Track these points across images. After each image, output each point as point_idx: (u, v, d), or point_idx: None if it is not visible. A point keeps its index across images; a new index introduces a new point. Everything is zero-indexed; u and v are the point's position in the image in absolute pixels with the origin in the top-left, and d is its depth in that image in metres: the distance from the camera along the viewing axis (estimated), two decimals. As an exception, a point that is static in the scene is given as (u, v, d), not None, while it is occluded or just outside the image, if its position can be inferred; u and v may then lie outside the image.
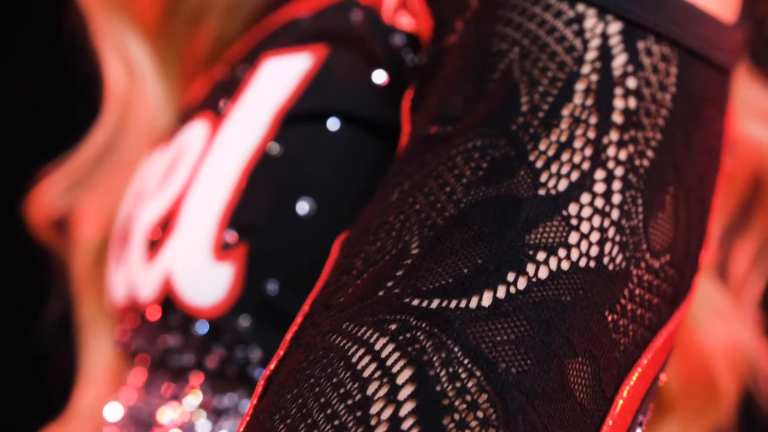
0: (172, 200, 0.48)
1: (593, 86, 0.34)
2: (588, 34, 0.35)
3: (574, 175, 0.33)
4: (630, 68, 0.35)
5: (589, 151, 0.33)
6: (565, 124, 0.34)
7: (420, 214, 0.33)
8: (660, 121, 0.35)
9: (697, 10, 0.36)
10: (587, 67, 0.34)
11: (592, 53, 0.35)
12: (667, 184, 0.34)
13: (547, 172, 0.33)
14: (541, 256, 0.32)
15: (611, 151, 0.34)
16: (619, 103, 0.34)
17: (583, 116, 0.34)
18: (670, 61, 0.35)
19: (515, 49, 0.35)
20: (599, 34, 0.35)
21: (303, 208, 0.44)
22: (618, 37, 0.35)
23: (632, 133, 0.34)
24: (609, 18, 0.35)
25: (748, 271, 0.58)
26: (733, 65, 0.39)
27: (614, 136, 0.34)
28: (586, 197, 0.33)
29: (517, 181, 0.33)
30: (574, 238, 0.32)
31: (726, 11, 0.38)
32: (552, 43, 0.35)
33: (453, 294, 0.31)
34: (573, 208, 0.32)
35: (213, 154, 0.47)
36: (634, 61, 0.35)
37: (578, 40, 0.35)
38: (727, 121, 0.39)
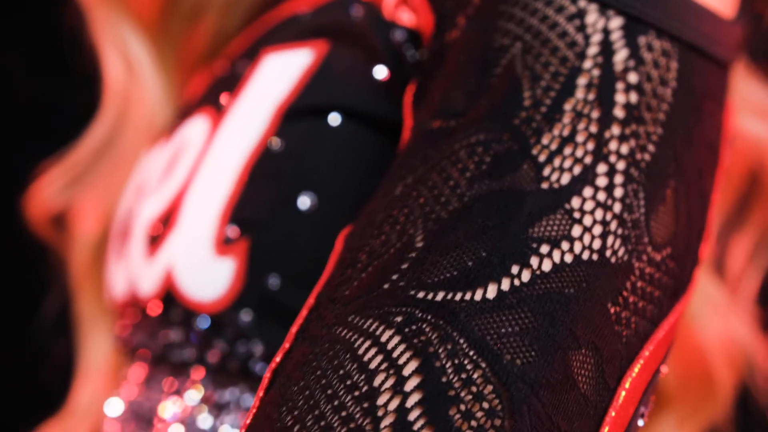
0: (173, 195, 0.48)
1: (595, 81, 0.34)
2: (589, 29, 0.35)
3: (577, 169, 0.33)
4: (631, 63, 0.35)
5: (591, 146, 0.34)
6: (568, 119, 0.34)
7: (424, 207, 0.33)
8: (661, 116, 0.35)
9: (697, 5, 0.37)
10: (589, 62, 0.35)
11: (593, 48, 0.35)
12: (668, 178, 0.35)
13: (549, 166, 0.33)
14: (544, 249, 0.32)
15: (613, 145, 0.34)
16: (621, 98, 0.34)
17: (585, 111, 0.34)
18: (671, 56, 0.36)
19: (517, 44, 0.35)
20: (601, 30, 0.35)
21: (304, 202, 0.44)
22: (619, 33, 0.35)
23: (633, 127, 0.34)
24: (610, 13, 0.35)
25: (745, 266, 0.59)
26: (733, 60, 0.39)
27: (616, 130, 0.34)
28: (588, 191, 0.33)
29: (520, 175, 0.33)
30: (577, 231, 0.32)
31: (725, 7, 0.39)
32: (554, 38, 0.35)
33: (458, 286, 0.31)
34: (576, 202, 0.33)
35: (214, 150, 0.47)
36: (636, 56, 0.35)
37: (580, 36, 0.35)
38: (726, 116, 0.40)
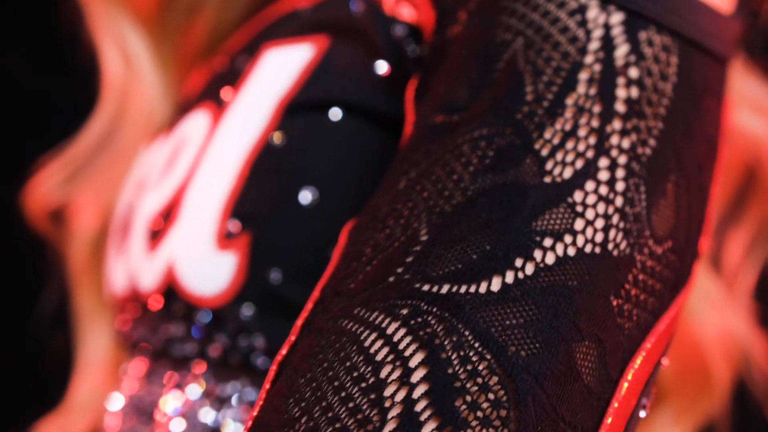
0: (174, 190, 0.48)
1: (596, 76, 0.35)
2: (591, 25, 0.35)
3: (579, 163, 0.33)
4: (632, 58, 0.35)
5: (593, 140, 0.34)
6: (570, 113, 0.34)
7: (428, 201, 0.33)
8: (661, 110, 0.35)
9: (697, 1, 0.37)
10: (590, 57, 0.35)
11: (594, 43, 0.35)
12: (669, 172, 0.35)
13: (552, 160, 0.33)
14: (548, 243, 0.32)
15: (614, 140, 0.34)
16: (622, 93, 0.35)
17: (587, 105, 0.34)
18: (671, 51, 0.36)
19: (519, 40, 0.36)
20: (602, 25, 0.35)
21: (306, 197, 0.44)
22: (620, 28, 0.36)
23: (635, 122, 0.35)
24: (611, 8, 0.36)
25: (742, 261, 0.59)
26: (731, 56, 0.40)
27: (617, 124, 0.34)
28: (590, 185, 0.33)
29: (523, 169, 0.33)
30: (579, 224, 0.33)
31: (723, 2, 0.39)
32: (555, 34, 0.35)
33: (463, 279, 0.31)
34: (578, 196, 0.33)
35: (215, 144, 0.47)
36: (636, 51, 0.35)
37: (581, 31, 0.35)
38: (725, 112, 0.40)
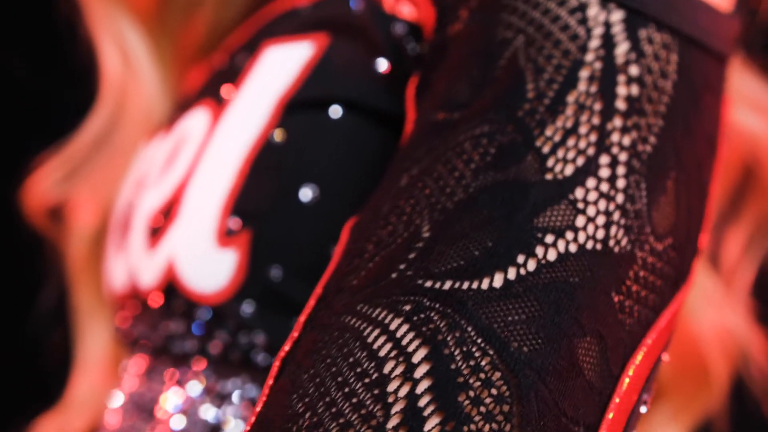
0: (174, 187, 0.49)
1: (597, 73, 0.35)
2: (591, 22, 0.36)
3: (580, 161, 0.34)
4: (632, 56, 0.35)
5: (594, 137, 0.34)
6: (571, 111, 0.34)
7: (430, 198, 0.34)
8: (662, 108, 0.35)
9: None
10: (591, 55, 0.35)
11: (595, 41, 0.35)
12: (669, 170, 0.35)
13: (553, 158, 0.33)
14: (549, 239, 0.32)
15: (615, 137, 0.34)
16: (622, 90, 0.35)
17: (588, 103, 0.34)
18: (671, 49, 0.36)
19: (520, 37, 0.36)
20: (602, 23, 0.36)
21: (306, 194, 0.44)
22: (620, 26, 0.36)
23: (635, 119, 0.35)
24: (611, 6, 0.36)
25: (740, 258, 0.59)
26: (730, 54, 0.40)
27: (618, 122, 0.34)
28: (591, 182, 0.33)
29: (524, 166, 0.33)
30: (580, 221, 0.33)
31: (723, 0, 0.39)
32: (556, 31, 0.36)
33: (465, 276, 0.31)
34: (579, 193, 0.33)
35: (215, 142, 0.47)
36: (636, 48, 0.36)
37: (582, 28, 0.35)
38: (724, 109, 0.40)
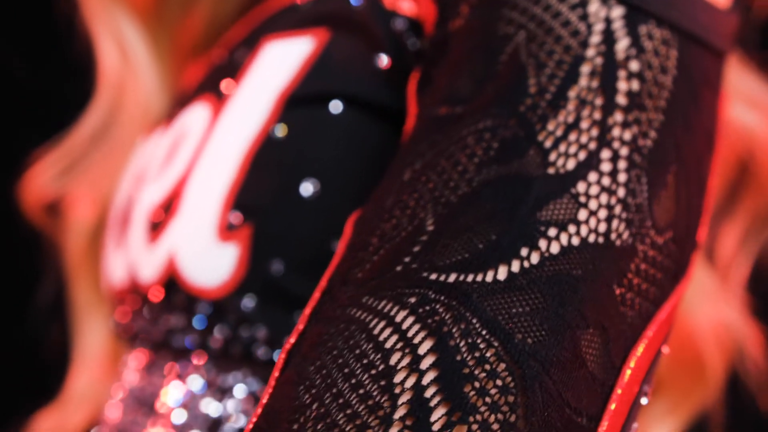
0: (174, 182, 0.49)
1: (598, 69, 0.35)
2: (592, 18, 0.36)
3: (582, 155, 0.34)
4: (633, 52, 0.36)
5: (596, 132, 0.34)
6: (572, 106, 0.35)
7: (434, 192, 0.34)
8: (662, 103, 0.36)
9: None
10: (592, 51, 0.35)
11: (596, 37, 0.36)
12: (670, 164, 0.36)
13: (555, 152, 0.34)
14: (552, 232, 0.33)
15: (616, 132, 0.35)
16: (623, 86, 0.35)
17: (589, 98, 0.35)
18: (671, 45, 0.37)
19: (521, 33, 0.36)
20: (603, 19, 0.36)
21: (307, 189, 0.44)
22: (621, 22, 0.36)
23: (636, 114, 0.35)
24: (611, 2, 0.36)
25: (735, 253, 0.60)
26: (728, 49, 0.40)
27: (619, 117, 0.35)
28: (593, 176, 0.34)
29: (527, 160, 0.34)
30: (583, 215, 0.33)
31: None
32: (557, 27, 0.36)
33: (469, 268, 0.32)
34: (581, 186, 0.34)
35: (216, 137, 0.47)
36: (637, 44, 0.36)
37: (582, 24, 0.36)
38: (721, 104, 0.40)
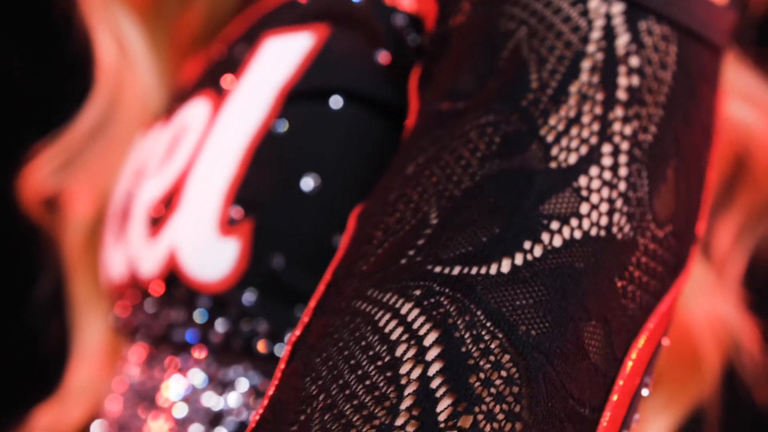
0: (175, 177, 0.49)
1: (599, 64, 0.35)
2: (592, 14, 0.36)
3: (583, 149, 0.34)
4: (633, 47, 0.36)
5: (597, 127, 0.35)
6: (573, 101, 0.35)
7: (437, 186, 0.34)
8: (661, 98, 0.36)
9: None
10: (592, 46, 0.36)
11: (596, 33, 0.36)
12: (669, 158, 0.36)
13: (557, 147, 0.34)
14: (555, 226, 0.33)
15: (617, 127, 0.35)
16: (623, 81, 0.36)
17: (590, 93, 0.35)
18: (670, 41, 0.37)
19: (523, 29, 0.36)
20: (603, 15, 0.36)
21: (308, 184, 0.45)
22: (621, 18, 0.36)
23: (636, 109, 0.35)
24: None
25: (731, 248, 0.60)
26: (725, 45, 0.41)
27: (619, 112, 0.35)
28: (594, 170, 0.34)
29: (529, 154, 0.34)
30: (585, 208, 0.34)
31: None
32: (558, 23, 0.36)
33: (473, 261, 0.32)
34: (583, 180, 0.34)
35: (216, 132, 0.48)
36: (636, 40, 0.36)
37: (583, 20, 0.36)
38: (719, 100, 0.41)
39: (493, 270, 0.32)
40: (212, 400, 0.46)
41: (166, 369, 0.49)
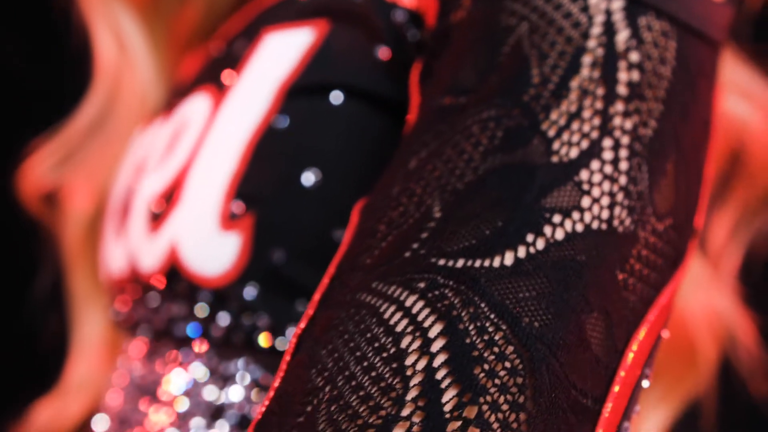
0: (175, 172, 0.49)
1: (599, 59, 0.36)
2: (593, 10, 0.37)
3: (584, 144, 0.35)
4: (633, 43, 0.36)
5: (597, 121, 0.35)
6: (574, 96, 0.35)
7: (440, 180, 0.35)
8: (661, 93, 0.37)
9: None
10: (593, 42, 0.36)
11: (597, 28, 0.36)
12: (669, 152, 0.36)
13: (558, 141, 0.35)
14: (557, 219, 0.33)
15: (617, 121, 0.35)
16: (624, 76, 0.36)
17: (591, 88, 0.35)
18: (669, 36, 0.37)
19: (524, 24, 0.37)
20: (603, 10, 0.37)
21: (308, 179, 0.45)
22: (621, 13, 0.37)
23: (636, 104, 0.36)
24: None
25: (727, 242, 0.61)
26: (723, 41, 0.41)
27: (620, 106, 0.36)
28: (596, 164, 0.35)
29: (531, 149, 0.34)
30: (586, 202, 0.34)
31: None
32: (559, 19, 0.36)
33: (477, 254, 0.32)
34: (584, 174, 0.34)
35: (217, 127, 0.48)
36: (636, 35, 0.37)
37: (584, 16, 0.36)
38: (716, 95, 0.41)
39: (497, 263, 0.32)
40: (213, 394, 0.47)
41: (168, 363, 0.49)
